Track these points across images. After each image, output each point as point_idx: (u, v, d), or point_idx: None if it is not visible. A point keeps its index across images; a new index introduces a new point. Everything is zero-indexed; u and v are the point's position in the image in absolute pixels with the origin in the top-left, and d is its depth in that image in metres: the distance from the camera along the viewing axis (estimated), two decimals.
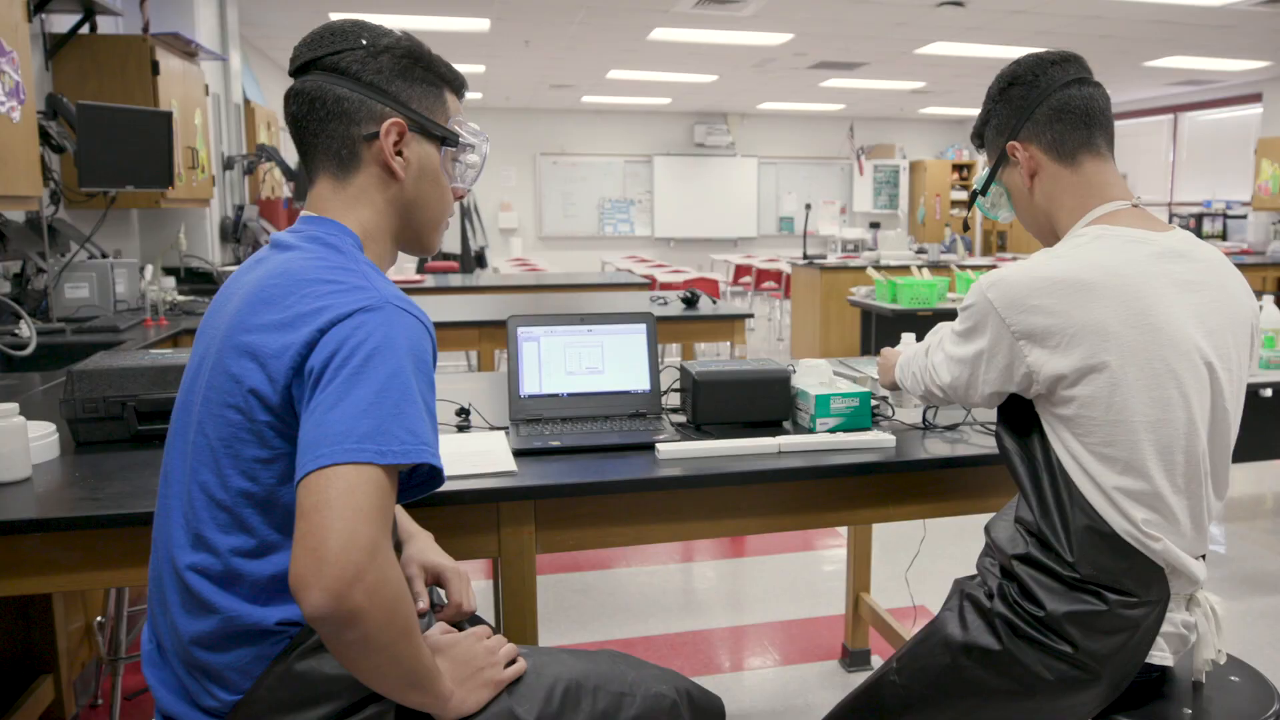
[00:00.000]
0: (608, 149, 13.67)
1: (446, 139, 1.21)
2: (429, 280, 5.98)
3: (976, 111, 9.38)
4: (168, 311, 3.97)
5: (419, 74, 1.18)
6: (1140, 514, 1.27)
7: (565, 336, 1.90)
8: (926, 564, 3.46)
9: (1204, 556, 1.38)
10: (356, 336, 0.99)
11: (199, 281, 4.99)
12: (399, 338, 1.01)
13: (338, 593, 0.90)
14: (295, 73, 1.17)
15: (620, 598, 3.31)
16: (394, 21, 7.10)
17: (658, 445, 1.65)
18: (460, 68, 7.72)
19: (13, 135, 3.08)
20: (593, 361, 1.90)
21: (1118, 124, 12.17)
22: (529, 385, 1.87)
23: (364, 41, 1.15)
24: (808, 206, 7.30)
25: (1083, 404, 1.28)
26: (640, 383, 1.90)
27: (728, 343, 3.95)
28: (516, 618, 1.54)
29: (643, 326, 1.93)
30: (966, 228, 2.60)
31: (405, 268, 6.37)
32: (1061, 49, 1.49)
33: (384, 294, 1.05)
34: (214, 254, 5.98)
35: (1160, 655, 1.29)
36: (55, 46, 4.52)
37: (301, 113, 1.15)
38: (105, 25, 4.94)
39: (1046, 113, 1.42)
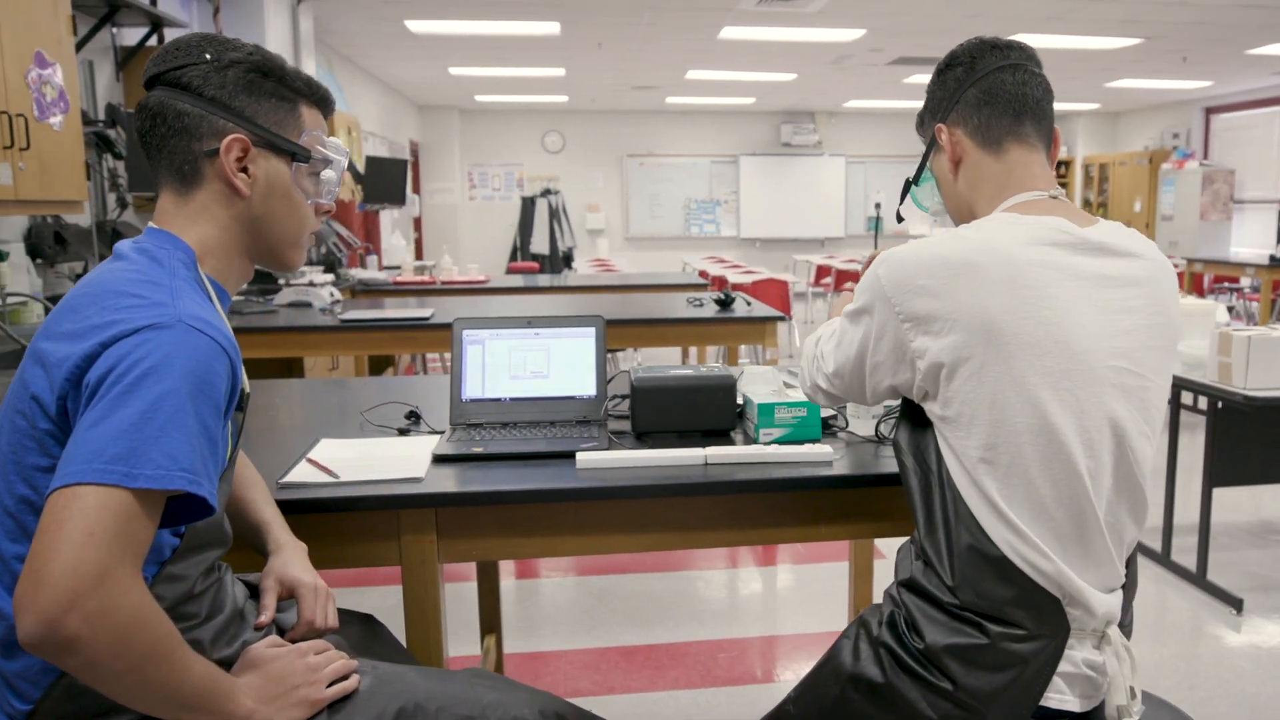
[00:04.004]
0: (694, 149, 13.60)
1: (297, 154, 1.19)
2: (495, 280, 6.03)
3: (1072, 106, 8.94)
4: None
5: (268, 88, 1.17)
6: (1027, 526, 1.17)
7: (511, 340, 1.86)
8: None
9: (1125, 590, 1.26)
10: (136, 354, 0.97)
11: (261, 281, 5.16)
12: (179, 358, 0.99)
13: (50, 619, 0.87)
14: (146, 87, 1.17)
15: (634, 603, 3.27)
16: (466, 27, 7.16)
17: (577, 454, 1.60)
18: (540, 71, 7.72)
19: (56, 144, 3.23)
20: (538, 366, 1.86)
21: (1222, 117, 11.54)
22: (471, 389, 1.84)
23: (208, 56, 1.14)
24: (877, 205, 7.09)
25: (964, 401, 1.18)
26: (586, 388, 1.86)
27: (759, 345, 3.85)
28: (419, 629, 1.51)
29: (591, 330, 1.88)
30: (900, 220, 2.46)
31: (469, 268, 6.43)
32: (1010, 38, 1.39)
33: (179, 312, 1.02)
34: None
35: (1060, 698, 1.18)
36: (126, 58, 4.74)
37: (145, 128, 1.15)
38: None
39: (975, 96, 1.34)
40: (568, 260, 13.20)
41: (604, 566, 3.60)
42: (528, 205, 13.09)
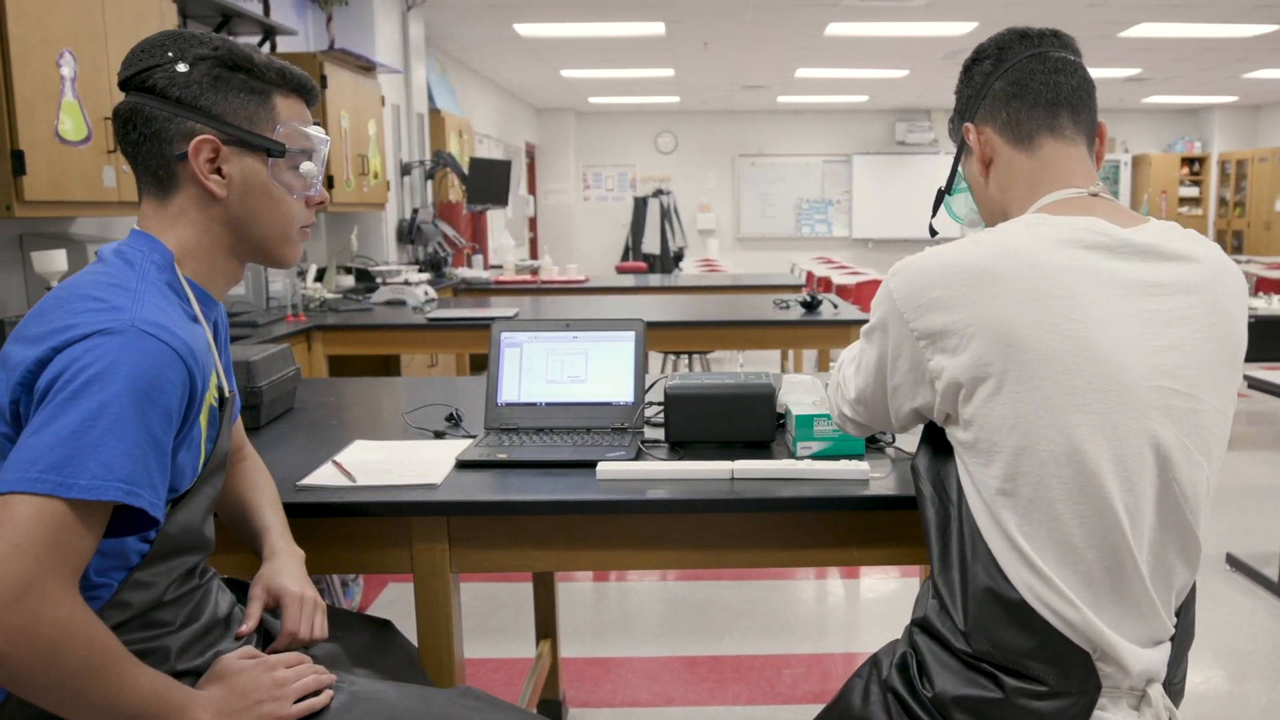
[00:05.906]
0: (805, 149, 13.38)
1: (271, 150, 1.15)
2: (596, 280, 6.04)
3: (1206, 99, 8.35)
4: (316, 309, 4.24)
5: (238, 82, 1.13)
6: (1051, 568, 1.05)
7: (549, 343, 1.83)
8: None
9: (1175, 643, 1.12)
10: (84, 360, 0.95)
11: (366, 280, 5.31)
12: (126, 365, 0.96)
13: None
14: (121, 90, 1.15)
15: (706, 611, 3.20)
16: (572, 30, 7.23)
17: (598, 464, 1.55)
18: (649, 72, 7.72)
19: None
20: (575, 370, 1.82)
21: None
22: (507, 393, 1.81)
23: (170, 55, 1.11)
24: None
25: (982, 425, 1.07)
26: (624, 394, 1.80)
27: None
28: (431, 640, 1.48)
29: (631, 334, 1.83)
30: (934, 233, 2.22)
31: (569, 267, 6.45)
32: (1050, 26, 1.27)
33: (134, 317, 1.00)
34: (390, 255, 6.34)
35: None
36: None
37: (120, 135, 1.13)
38: (294, 44, 5.35)
39: (1003, 89, 1.22)
40: (678, 260, 13.18)
41: (680, 572, 3.54)
42: (640, 205, 13.12)
